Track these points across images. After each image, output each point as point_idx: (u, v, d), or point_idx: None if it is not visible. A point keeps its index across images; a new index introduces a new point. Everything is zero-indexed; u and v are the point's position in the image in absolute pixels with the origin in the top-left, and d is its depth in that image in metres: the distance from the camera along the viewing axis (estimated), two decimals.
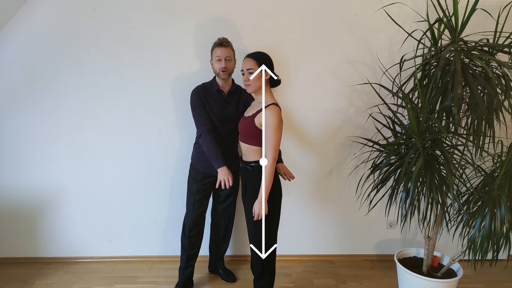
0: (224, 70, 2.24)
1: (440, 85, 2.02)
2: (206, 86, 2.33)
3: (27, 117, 2.68)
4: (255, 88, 2.03)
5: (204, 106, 2.27)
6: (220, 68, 2.24)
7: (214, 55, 2.26)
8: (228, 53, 2.25)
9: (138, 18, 2.54)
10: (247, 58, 2.04)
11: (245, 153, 2.12)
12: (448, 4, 2.37)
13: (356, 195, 2.89)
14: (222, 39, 2.27)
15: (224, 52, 2.24)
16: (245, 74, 2.02)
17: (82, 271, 2.81)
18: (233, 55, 2.31)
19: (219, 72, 2.25)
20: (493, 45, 2.04)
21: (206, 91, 2.31)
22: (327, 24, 2.62)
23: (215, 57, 2.25)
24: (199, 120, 2.26)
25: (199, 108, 2.27)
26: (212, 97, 2.30)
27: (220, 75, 2.26)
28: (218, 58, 2.24)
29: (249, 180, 2.11)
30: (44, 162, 2.76)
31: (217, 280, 2.73)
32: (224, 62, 2.23)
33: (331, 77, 2.71)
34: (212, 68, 2.30)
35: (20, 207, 2.83)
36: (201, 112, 2.26)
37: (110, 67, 2.62)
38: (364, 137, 2.71)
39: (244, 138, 2.09)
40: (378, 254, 3.07)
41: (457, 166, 2.10)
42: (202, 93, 2.28)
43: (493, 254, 2.03)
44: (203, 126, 2.25)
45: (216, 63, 2.25)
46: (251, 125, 2.04)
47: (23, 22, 2.53)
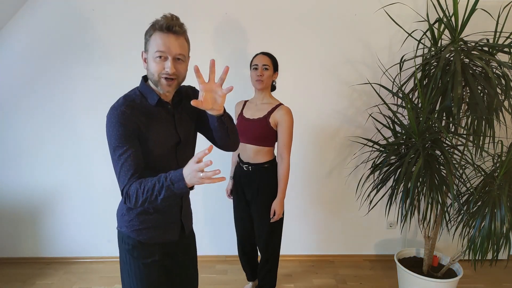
0: (171, 78, 1.28)
1: (440, 85, 2.02)
2: (134, 101, 1.34)
3: (27, 117, 2.68)
4: (265, 85, 2.10)
5: (136, 137, 1.29)
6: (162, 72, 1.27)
7: (155, 47, 1.27)
8: (182, 49, 1.30)
9: (138, 18, 2.54)
10: (262, 55, 2.10)
11: (254, 156, 2.12)
12: (448, 4, 2.37)
13: (356, 195, 2.89)
14: (171, 17, 1.30)
15: (174, 44, 1.27)
16: (260, 69, 2.06)
17: (82, 271, 2.81)
18: (187, 50, 1.35)
19: (159, 78, 1.29)
20: (493, 45, 2.04)
21: (137, 109, 1.32)
22: (327, 24, 2.62)
23: (156, 51, 1.27)
24: (127, 164, 1.27)
25: (127, 142, 1.27)
26: (152, 116, 1.35)
27: (163, 85, 1.30)
28: (161, 54, 1.27)
29: (264, 180, 2.13)
30: (44, 162, 2.76)
31: (217, 280, 2.73)
32: (172, 62, 1.27)
33: (331, 77, 2.71)
34: (147, 68, 1.33)
35: (21, 207, 2.83)
36: (131, 149, 1.27)
37: (110, 67, 2.62)
38: (364, 137, 2.71)
39: (254, 141, 2.09)
40: (378, 254, 3.07)
41: (457, 166, 2.10)
42: (131, 115, 1.29)
43: (493, 254, 2.03)
44: (133, 172, 1.27)
45: (158, 62, 1.27)
46: (266, 126, 2.07)
47: (23, 22, 2.53)
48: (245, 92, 2.48)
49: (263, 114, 2.10)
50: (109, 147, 1.30)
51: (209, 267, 2.88)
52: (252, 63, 2.15)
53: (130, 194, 1.25)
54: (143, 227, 1.41)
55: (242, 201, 2.26)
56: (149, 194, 1.21)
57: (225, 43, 2.61)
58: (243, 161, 2.18)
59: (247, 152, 2.15)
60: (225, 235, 2.94)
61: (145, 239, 1.41)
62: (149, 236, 1.41)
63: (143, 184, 1.22)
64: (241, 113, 2.20)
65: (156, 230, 1.43)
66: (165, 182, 1.18)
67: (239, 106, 2.26)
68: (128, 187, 1.25)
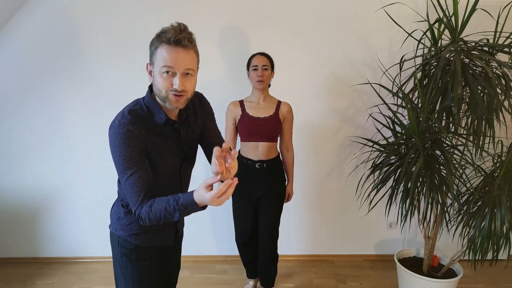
0: (180, 95, 1.19)
1: (440, 85, 2.02)
2: (140, 117, 1.24)
3: (27, 117, 2.68)
4: (266, 85, 2.20)
5: (144, 157, 1.24)
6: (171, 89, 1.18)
7: (161, 61, 1.17)
8: (191, 63, 1.20)
9: (138, 18, 2.54)
10: (261, 56, 2.17)
11: (267, 152, 2.21)
12: (448, 4, 2.37)
13: (356, 195, 2.89)
14: (179, 28, 1.17)
15: (183, 59, 1.17)
16: (260, 70, 2.14)
17: (82, 271, 2.81)
18: (197, 64, 1.26)
19: (167, 95, 1.20)
20: (493, 45, 2.04)
21: (145, 127, 1.24)
22: (327, 24, 2.62)
23: (162, 66, 1.17)
24: (137, 187, 1.22)
25: (135, 164, 1.21)
26: (160, 135, 1.28)
27: (171, 102, 1.21)
28: (169, 69, 1.17)
29: (277, 173, 2.29)
30: (44, 162, 2.76)
31: (217, 280, 2.73)
32: (181, 79, 1.17)
33: (331, 77, 2.71)
34: (154, 83, 1.23)
35: (20, 207, 2.83)
36: (140, 171, 1.22)
37: (110, 67, 2.61)
38: (364, 137, 2.71)
39: (267, 138, 2.19)
40: (378, 254, 3.07)
41: (457, 166, 2.10)
42: (139, 135, 1.22)
43: (493, 254, 2.03)
44: (144, 195, 1.23)
45: (165, 78, 1.18)
46: (278, 123, 2.20)
47: (23, 22, 2.53)
48: (244, 90, 2.48)
49: (272, 111, 2.19)
50: (116, 166, 1.23)
51: (209, 267, 2.88)
52: (250, 64, 2.17)
53: (142, 217, 1.23)
54: (141, 231, 1.38)
55: (244, 198, 2.28)
56: (161, 216, 1.19)
57: (225, 43, 2.61)
58: (254, 160, 2.20)
59: (258, 150, 2.19)
60: (225, 235, 2.94)
61: (142, 243, 1.39)
62: (146, 240, 1.39)
63: (153, 208, 1.20)
64: (246, 114, 2.18)
65: (153, 234, 1.41)
66: (176, 206, 1.16)
67: (236, 106, 2.22)
68: (140, 209, 1.22)
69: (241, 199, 2.31)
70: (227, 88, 2.68)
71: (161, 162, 1.28)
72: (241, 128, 2.21)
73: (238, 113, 2.21)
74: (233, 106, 2.23)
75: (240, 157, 2.26)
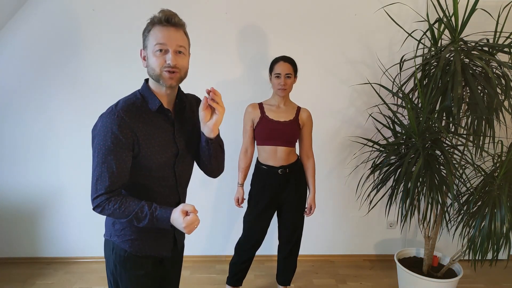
0: (173, 71, 1.21)
1: (440, 85, 2.02)
2: (134, 104, 1.26)
3: (27, 117, 2.68)
4: (288, 93, 2.17)
5: (127, 148, 1.21)
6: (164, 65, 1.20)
7: (154, 41, 1.21)
8: (183, 41, 1.23)
9: (138, 18, 2.54)
10: (284, 63, 2.11)
11: (287, 157, 2.18)
12: (448, 4, 2.37)
13: (356, 195, 2.89)
14: (168, 11, 1.24)
15: (174, 36, 1.21)
16: (282, 78, 2.09)
17: (82, 271, 2.81)
18: (188, 44, 1.28)
19: (161, 72, 1.21)
20: (493, 45, 2.05)
21: (137, 115, 1.24)
22: (327, 24, 2.62)
23: (155, 45, 1.20)
24: (108, 176, 1.22)
25: (116, 152, 1.20)
26: (151, 123, 1.27)
27: (165, 79, 1.21)
28: (161, 47, 1.20)
29: (299, 177, 2.26)
30: (44, 162, 2.76)
31: (217, 280, 2.73)
32: (173, 54, 1.20)
33: (331, 77, 2.71)
34: (148, 65, 1.25)
35: (20, 207, 2.83)
36: (117, 161, 1.21)
37: (110, 67, 2.62)
38: (364, 137, 2.71)
39: (287, 143, 2.16)
40: (378, 254, 3.07)
41: (457, 166, 2.10)
42: (130, 123, 1.22)
43: (493, 254, 2.03)
44: (112, 186, 1.23)
45: (158, 56, 1.20)
46: (298, 128, 2.17)
47: (23, 22, 2.53)
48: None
49: (292, 116, 2.17)
50: (94, 147, 1.23)
51: (209, 267, 2.88)
52: (273, 70, 2.12)
53: (105, 209, 1.24)
54: (135, 237, 1.34)
55: (266, 204, 2.21)
56: (127, 217, 1.22)
57: (225, 43, 2.61)
58: (275, 166, 2.16)
59: (278, 155, 2.15)
60: (225, 235, 2.94)
61: (137, 251, 1.35)
62: (140, 247, 1.35)
63: (123, 206, 1.22)
64: (266, 116, 2.14)
65: (148, 242, 1.36)
66: (150, 216, 1.20)
67: (255, 109, 2.18)
68: (105, 201, 1.23)
69: (262, 205, 2.23)
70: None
71: (151, 152, 1.26)
72: (259, 131, 2.16)
73: (257, 116, 2.16)
74: (252, 108, 2.19)
75: (258, 165, 2.23)
